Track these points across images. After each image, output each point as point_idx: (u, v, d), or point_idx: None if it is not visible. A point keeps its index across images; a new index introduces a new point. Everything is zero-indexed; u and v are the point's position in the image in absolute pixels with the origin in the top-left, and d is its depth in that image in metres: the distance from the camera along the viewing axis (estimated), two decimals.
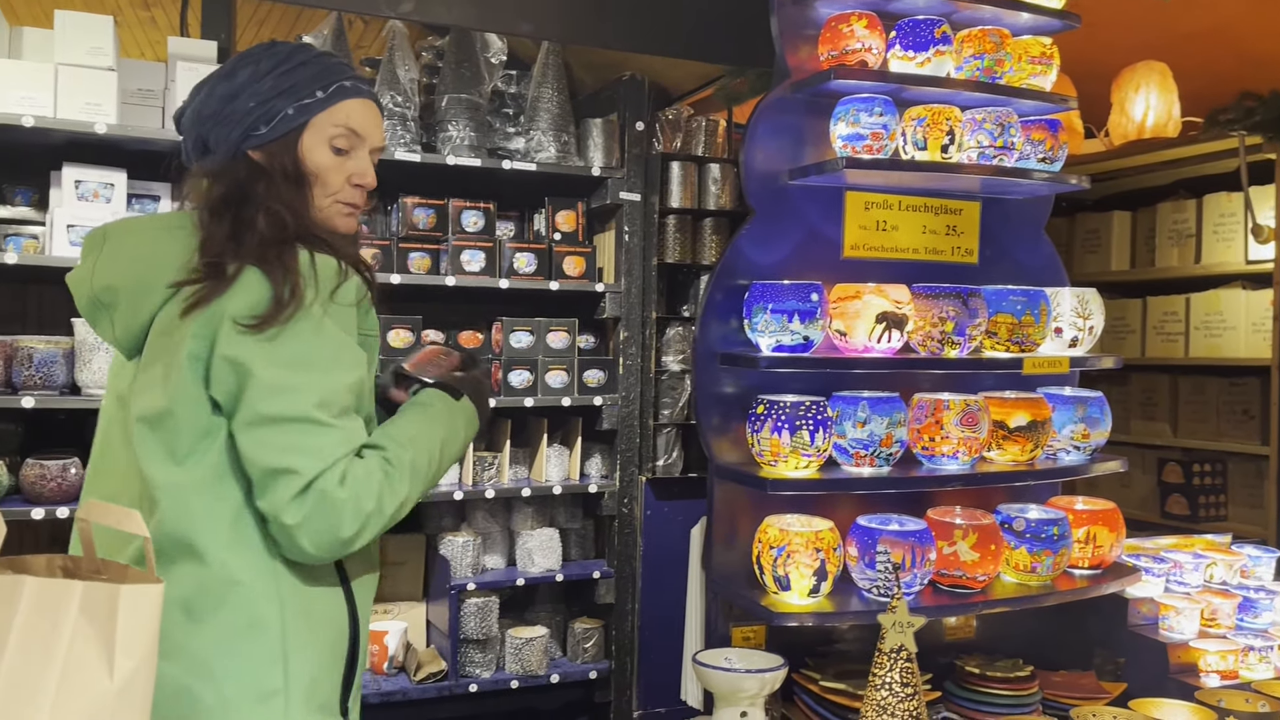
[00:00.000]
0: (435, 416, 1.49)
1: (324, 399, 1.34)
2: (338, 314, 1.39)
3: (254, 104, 1.45)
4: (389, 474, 1.37)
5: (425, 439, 1.44)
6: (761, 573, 1.87)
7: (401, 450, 1.40)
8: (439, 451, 1.45)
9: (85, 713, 1.22)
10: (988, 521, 1.94)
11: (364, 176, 1.51)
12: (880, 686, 1.47)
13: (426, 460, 1.43)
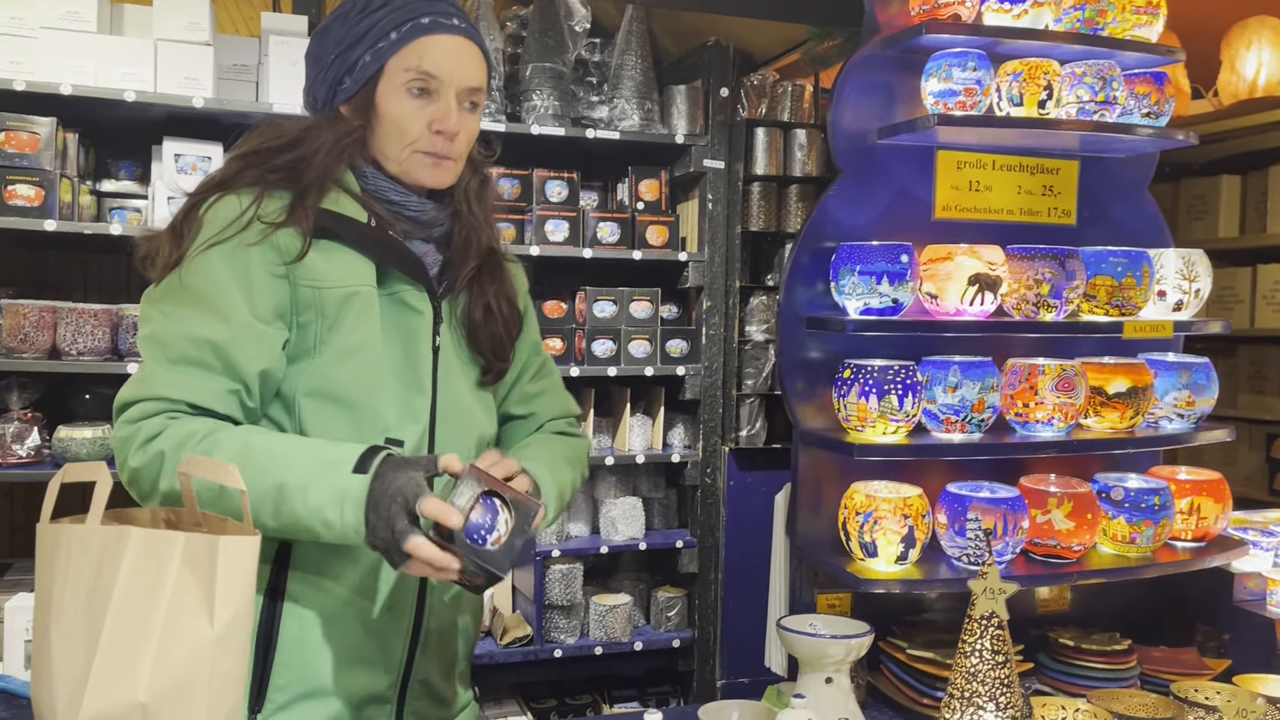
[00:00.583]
0: (304, 462, 1.28)
1: (158, 340, 1.34)
2: (247, 257, 1.34)
3: (334, 56, 1.42)
4: (146, 444, 1.33)
5: (263, 466, 1.29)
6: (847, 539, 1.84)
7: (197, 442, 1.31)
8: (268, 487, 1.28)
9: (187, 658, 1.26)
10: (1084, 490, 1.87)
11: (443, 121, 1.40)
12: (970, 653, 1.44)
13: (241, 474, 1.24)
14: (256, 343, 1.36)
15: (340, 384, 1.40)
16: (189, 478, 1.43)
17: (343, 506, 1.24)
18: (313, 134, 1.42)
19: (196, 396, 1.34)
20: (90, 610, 1.27)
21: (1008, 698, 1.43)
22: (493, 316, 1.51)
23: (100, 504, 1.36)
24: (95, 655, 1.25)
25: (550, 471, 1.48)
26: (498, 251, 1.55)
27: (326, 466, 1.26)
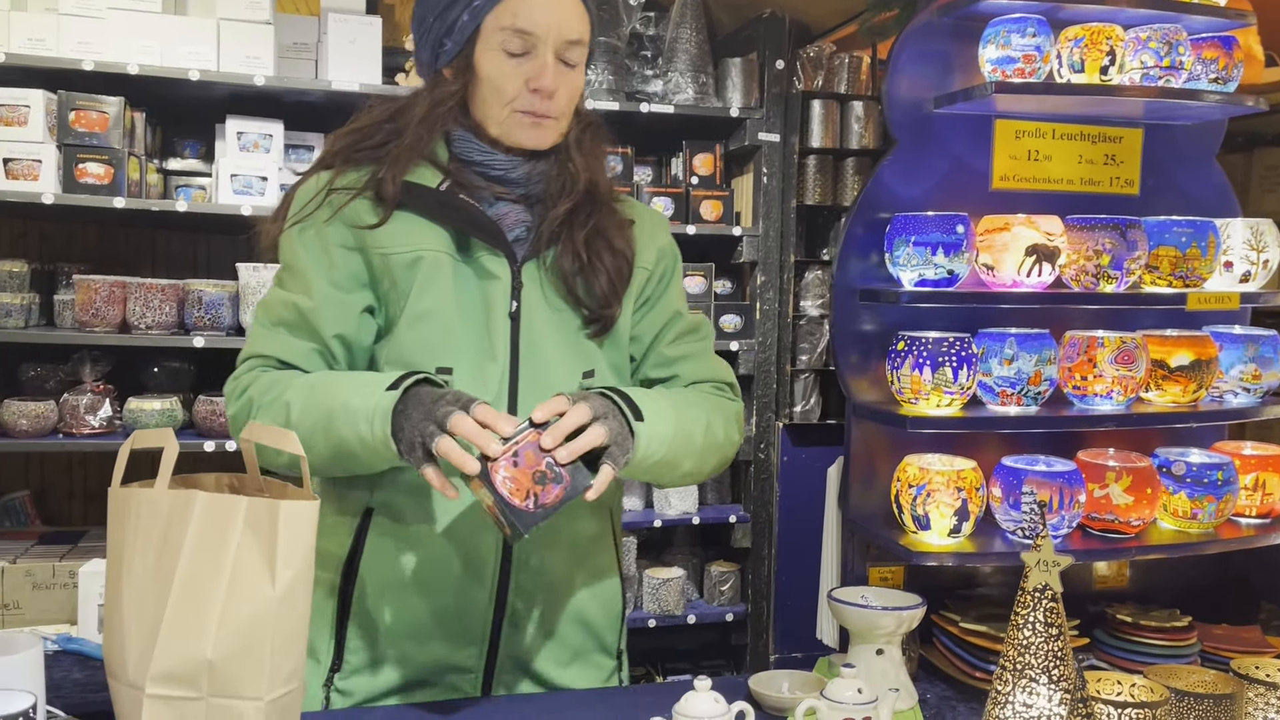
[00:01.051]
0: (350, 387, 1.35)
1: (266, 305, 1.46)
2: (321, 233, 1.42)
3: (434, 18, 1.40)
4: (241, 394, 1.44)
5: (321, 397, 1.36)
6: (900, 512, 1.83)
7: (278, 388, 1.40)
8: (320, 414, 1.35)
9: (250, 616, 1.30)
10: (1143, 464, 1.84)
11: (539, 78, 1.35)
12: (1023, 626, 1.43)
13: (286, 409, 1.38)
14: (334, 310, 1.43)
15: (410, 351, 1.42)
16: (250, 444, 1.48)
17: (373, 419, 1.29)
18: (410, 104, 1.44)
19: (285, 353, 1.44)
20: (159, 571, 1.32)
21: (1060, 671, 1.42)
22: (590, 260, 1.44)
23: (168, 469, 1.41)
24: (164, 614, 1.29)
25: (672, 401, 1.41)
26: (601, 192, 1.47)
27: (367, 387, 1.33)
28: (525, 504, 1.25)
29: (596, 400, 1.32)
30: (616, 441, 1.31)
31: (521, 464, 1.26)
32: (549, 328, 1.45)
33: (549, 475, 1.27)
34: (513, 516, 1.24)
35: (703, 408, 1.47)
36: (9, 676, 1.28)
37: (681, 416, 1.40)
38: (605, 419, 1.31)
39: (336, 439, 1.34)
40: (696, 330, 1.58)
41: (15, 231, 3.44)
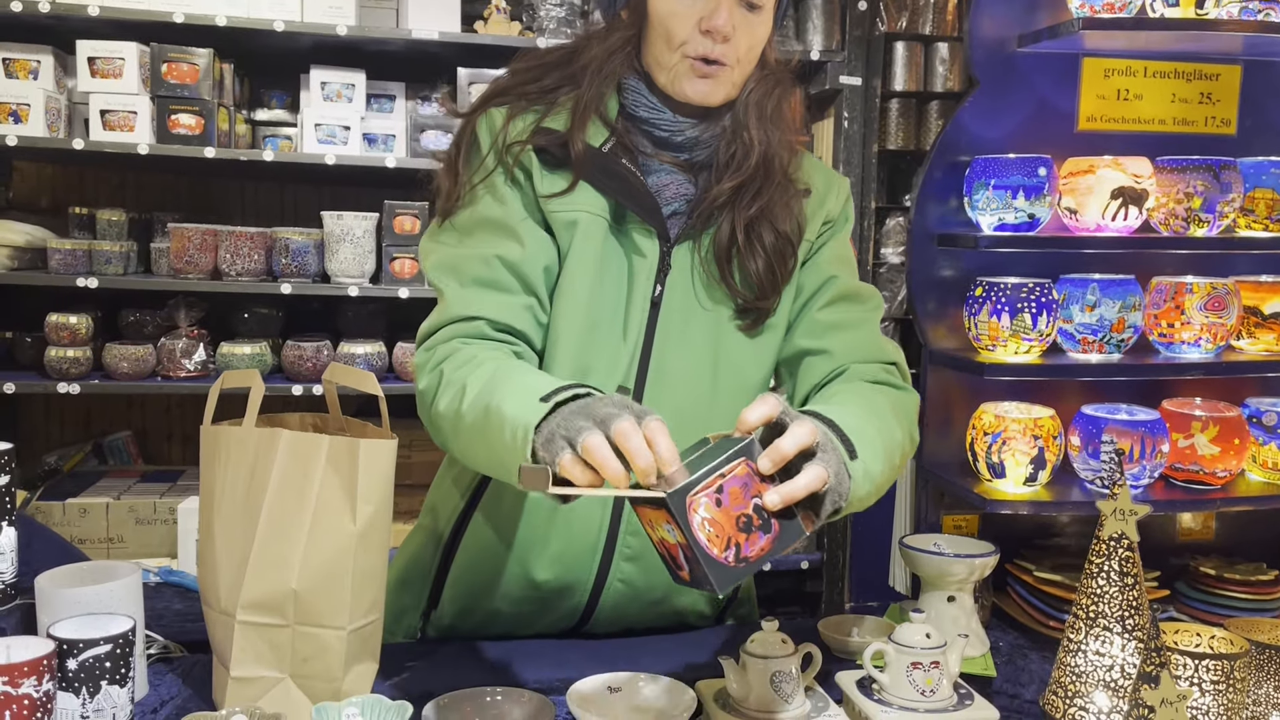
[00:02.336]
0: (514, 390, 1.13)
1: (450, 266, 1.32)
2: (515, 179, 1.32)
3: None
4: (435, 367, 1.28)
5: (490, 391, 1.16)
6: (975, 460, 1.81)
7: (468, 371, 1.21)
8: (481, 411, 1.16)
9: (333, 549, 1.36)
10: (1232, 414, 1.79)
11: (712, 18, 1.21)
12: (1097, 574, 1.41)
13: (462, 393, 1.20)
14: (547, 258, 1.31)
15: (552, 320, 1.34)
16: (333, 385, 1.53)
17: (515, 431, 1.07)
18: (585, 47, 1.33)
19: (495, 311, 1.29)
20: (247, 505, 1.38)
21: (1135, 620, 1.40)
22: (750, 242, 1.30)
23: (255, 408, 1.46)
24: (253, 546, 1.36)
25: (873, 422, 1.17)
26: (777, 168, 1.31)
27: (525, 393, 1.10)
28: (725, 555, 0.98)
29: (813, 421, 1.06)
30: (834, 486, 1.04)
31: (726, 503, 0.99)
32: (692, 317, 1.34)
33: (755, 522, 1.00)
34: (709, 570, 0.97)
35: (895, 418, 1.25)
36: (110, 602, 1.36)
37: (888, 442, 1.19)
38: (825, 454, 1.05)
39: (486, 447, 1.15)
40: (857, 297, 1.38)
41: (113, 183, 3.57)
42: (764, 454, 1.01)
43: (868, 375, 1.32)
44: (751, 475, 1.01)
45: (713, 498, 0.98)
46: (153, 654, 1.52)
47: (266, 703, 1.34)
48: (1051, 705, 1.42)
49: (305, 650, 1.35)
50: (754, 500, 1.00)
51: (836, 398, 1.25)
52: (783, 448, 1.01)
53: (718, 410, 1.37)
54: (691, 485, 0.97)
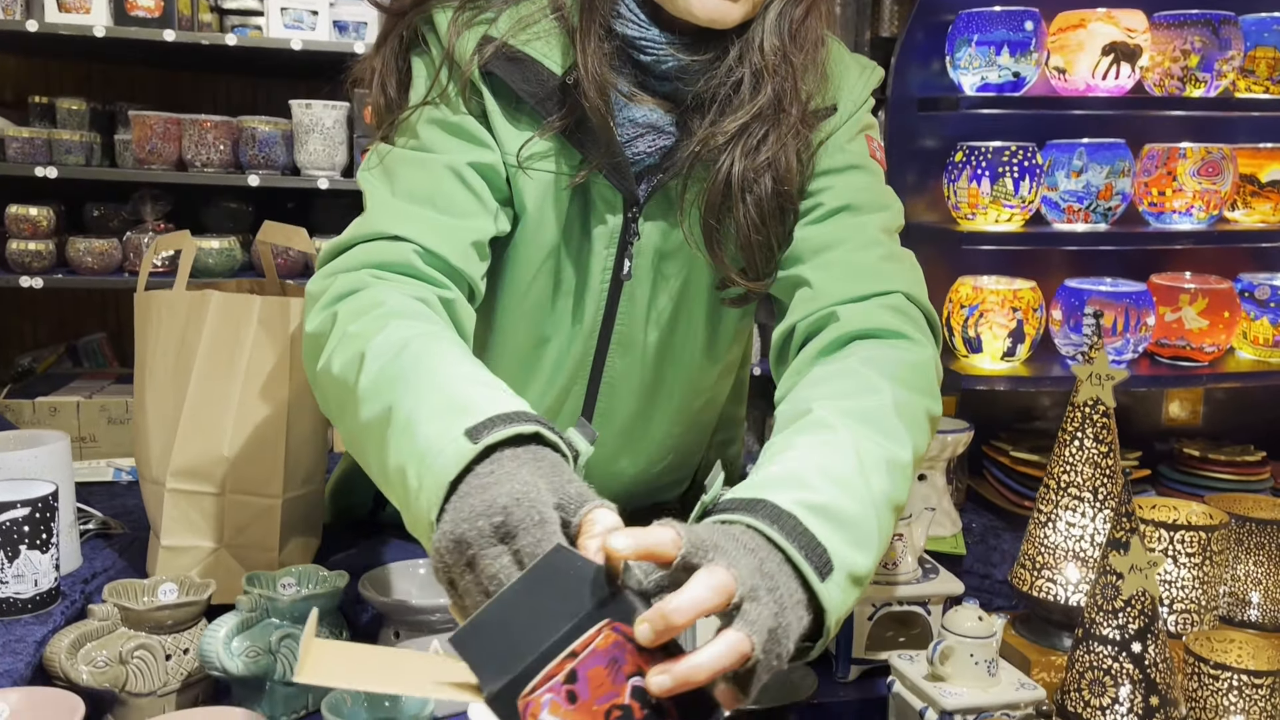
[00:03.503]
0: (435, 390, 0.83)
1: (388, 169, 1.08)
2: (476, 84, 1.08)
3: None
4: (330, 304, 0.98)
5: (395, 377, 0.86)
6: (951, 335, 1.73)
7: (368, 333, 0.91)
8: (382, 407, 0.85)
9: (265, 414, 1.29)
10: (1222, 286, 1.70)
11: None
12: (1070, 442, 1.34)
13: (359, 364, 0.89)
14: (497, 177, 1.09)
15: (503, 283, 1.16)
16: (267, 246, 1.45)
17: (422, 482, 0.77)
18: None
19: (430, 236, 1.02)
20: (178, 371, 1.31)
21: (1108, 490, 1.33)
22: (744, 200, 1.04)
23: (185, 270, 1.39)
24: (182, 412, 1.29)
25: (864, 478, 0.82)
26: (794, 111, 1.03)
27: (447, 413, 0.79)
28: None
29: (738, 551, 0.70)
30: (770, 647, 0.68)
31: (584, 695, 0.64)
32: (665, 293, 1.15)
33: (637, 714, 0.65)
34: None
35: (903, 421, 0.91)
36: (34, 468, 1.30)
37: (890, 491, 0.86)
38: (756, 602, 0.68)
39: (380, 454, 0.84)
40: (859, 208, 1.07)
41: (79, 74, 3.45)
42: (644, 616, 0.65)
43: (863, 327, 1.00)
44: (622, 646, 0.65)
45: (561, 692, 0.63)
46: (90, 529, 1.47)
47: (200, 573, 1.29)
48: (1019, 579, 1.37)
49: (239, 519, 1.30)
50: (632, 682, 0.65)
51: (815, 426, 0.87)
52: (672, 616, 0.64)
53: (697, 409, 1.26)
54: (521, 680, 0.63)
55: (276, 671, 1.09)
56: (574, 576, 0.65)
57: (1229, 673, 1.18)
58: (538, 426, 0.78)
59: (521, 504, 0.70)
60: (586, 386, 1.23)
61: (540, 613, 0.64)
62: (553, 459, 0.77)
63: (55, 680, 1.05)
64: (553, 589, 0.64)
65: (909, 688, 1.18)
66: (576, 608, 0.64)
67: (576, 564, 0.65)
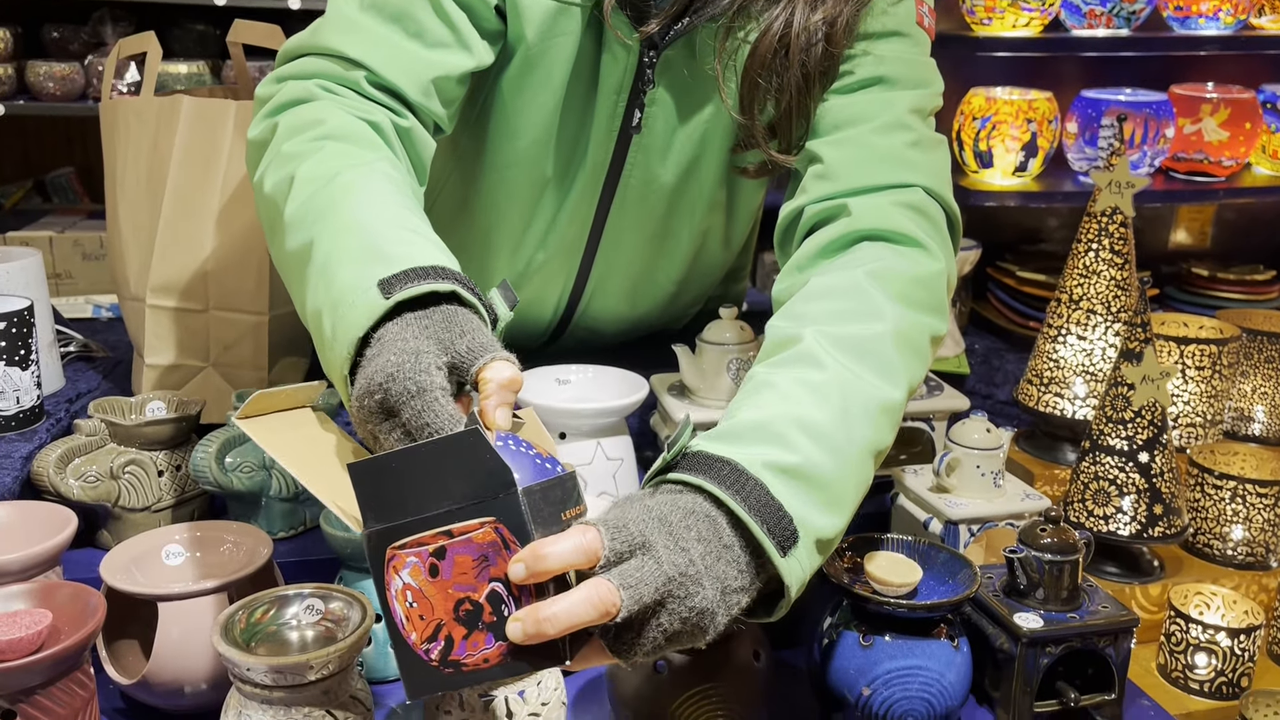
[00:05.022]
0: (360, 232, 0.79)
1: None
2: None
3: None
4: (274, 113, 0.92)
5: (324, 209, 0.81)
6: (961, 149, 1.67)
7: (301, 155, 0.86)
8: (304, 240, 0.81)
9: (246, 226, 1.23)
10: (1245, 96, 1.63)
11: None
12: (1085, 253, 1.30)
13: (288, 188, 0.84)
14: (493, 20, 0.99)
15: (487, 126, 1.08)
16: (237, 45, 1.35)
17: (336, 327, 0.74)
18: None
19: (386, 64, 0.93)
20: (151, 182, 1.24)
21: (1123, 303, 1.30)
22: (792, 66, 0.92)
23: (152, 75, 1.30)
24: (159, 225, 1.23)
25: (846, 426, 0.76)
26: None
27: (365, 258, 0.76)
28: (427, 649, 0.65)
29: (667, 549, 0.65)
30: (672, 613, 0.64)
31: (446, 573, 0.65)
32: (676, 153, 1.07)
33: (486, 616, 0.64)
34: (399, 659, 0.66)
35: (901, 350, 0.83)
36: (6, 284, 1.24)
37: (873, 438, 0.78)
38: (645, 555, 0.64)
39: (300, 291, 0.82)
40: (894, 82, 0.96)
41: None
42: (520, 555, 0.63)
43: (875, 227, 0.90)
44: (497, 549, 0.63)
45: (425, 560, 0.64)
46: (71, 350, 1.42)
47: (188, 391, 1.25)
48: (1026, 395, 1.35)
49: (226, 337, 1.26)
50: (491, 585, 0.64)
51: (801, 360, 0.79)
52: (549, 557, 0.62)
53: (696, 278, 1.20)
54: (397, 532, 0.65)
55: (272, 488, 1.07)
56: (479, 465, 0.63)
57: (1233, 482, 1.18)
58: (455, 285, 0.74)
59: (397, 378, 0.69)
60: (587, 239, 1.17)
61: (435, 481, 0.64)
62: (446, 314, 0.73)
63: (45, 495, 1.02)
64: (455, 467, 0.64)
65: (913, 499, 1.17)
66: (470, 494, 0.64)
67: (485, 455, 0.63)
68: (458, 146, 1.14)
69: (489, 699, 0.78)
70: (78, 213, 3.20)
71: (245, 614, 0.80)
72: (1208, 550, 1.18)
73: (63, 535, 0.89)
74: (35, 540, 0.88)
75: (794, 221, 0.98)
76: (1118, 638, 0.92)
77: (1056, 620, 0.91)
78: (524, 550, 0.63)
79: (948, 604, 0.87)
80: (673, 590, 0.64)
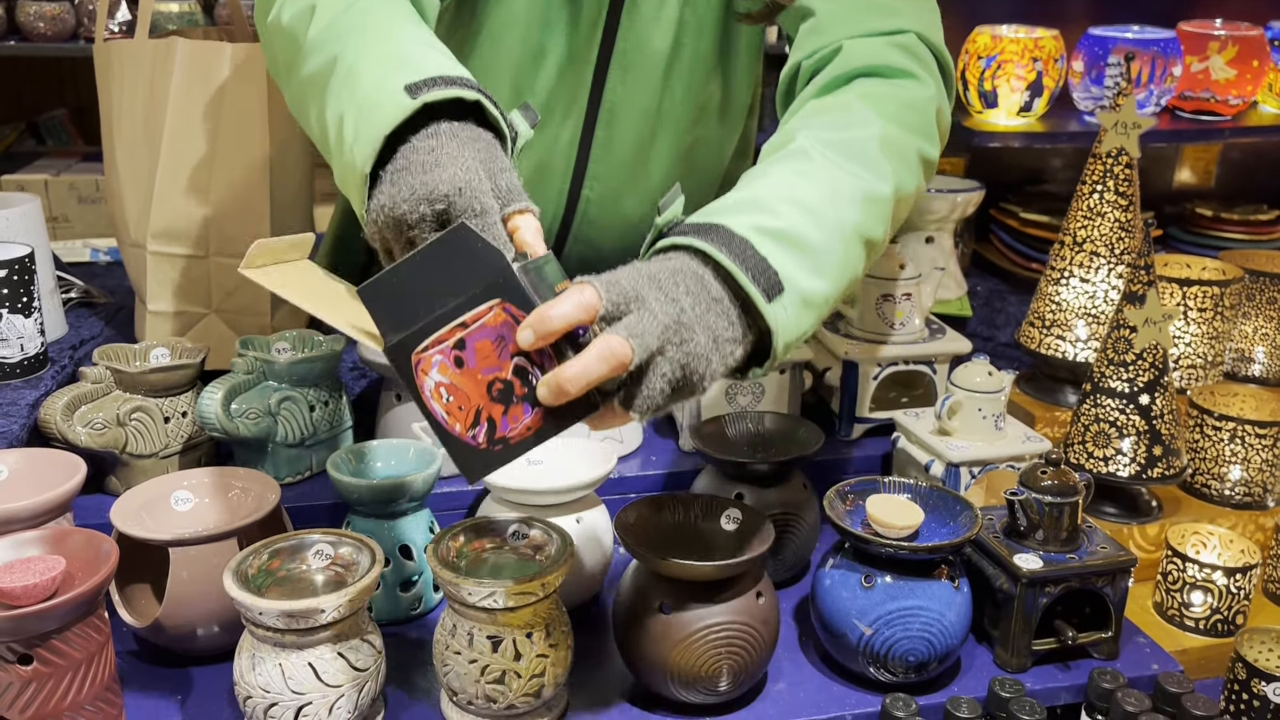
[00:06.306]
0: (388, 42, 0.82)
1: None
2: None
3: None
4: None
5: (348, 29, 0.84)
6: (965, 89, 1.64)
7: None
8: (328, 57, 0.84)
9: (245, 171, 1.22)
10: (1254, 33, 1.61)
11: None
12: (1089, 195, 1.29)
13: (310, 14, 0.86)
14: None
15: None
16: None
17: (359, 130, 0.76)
18: None
19: None
20: (148, 127, 1.23)
21: (1126, 245, 1.29)
22: None
23: (146, 17, 1.28)
24: (157, 171, 1.22)
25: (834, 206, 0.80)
26: None
27: (389, 65, 0.79)
28: (472, 434, 0.72)
29: (659, 302, 0.70)
30: (673, 362, 0.70)
31: (471, 363, 0.70)
32: (673, 9, 1.08)
33: (517, 389, 0.71)
34: (451, 453, 0.72)
35: (888, 156, 0.87)
36: (6, 231, 1.24)
37: (859, 225, 0.82)
38: (641, 311, 0.69)
39: (320, 104, 0.84)
40: None
41: None
42: (526, 322, 0.68)
43: (869, 64, 0.94)
44: (510, 326, 0.69)
45: (449, 355, 0.70)
46: (72, 297, 1.42)
47: (191, 337, 1.25)
48: (1027, 337, 1.35)
49: (227, 283, 1.25)
50: (515, 360, 0.70)
51: (792, 155, 0.84)
52: (552, 319, 0.67)
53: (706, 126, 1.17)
54: (416, 337, 0.70)
55: (278, 434, 1.07)
56: (476, 256, 0.68)
57: (1232, 423, 1.18)
58: (480, 95, 0.77)
59: (464, 194, 0.72)
60: (585, 110, 1.15)
61: (440, 282, 0.69)
62: (489, 142, 0.77)
63: (53, 442, 1.03)
64: (456, 262, 0.68)
65: (914, 442, 1.18)
66: (473, 284, 0.69)
67: (478, 245, 0.68)
68: (449, 16, 1.13)
69: (497, 639, 0.80)
70: (72, 155, 3.17)
71: (256, 559, 0.81)
72: (1206, 490, 1.19)
73: (72, 482, 0.90)
74: (45, 487, 0.89)
75: (793, 80, 1.01)
76: (1115, 578, 0.94)
77: (1055, 561, 0.92)
78: (529, 316, 0.68)
79: (949, 546, 0.88)
80: (669, 338, 0.69)
